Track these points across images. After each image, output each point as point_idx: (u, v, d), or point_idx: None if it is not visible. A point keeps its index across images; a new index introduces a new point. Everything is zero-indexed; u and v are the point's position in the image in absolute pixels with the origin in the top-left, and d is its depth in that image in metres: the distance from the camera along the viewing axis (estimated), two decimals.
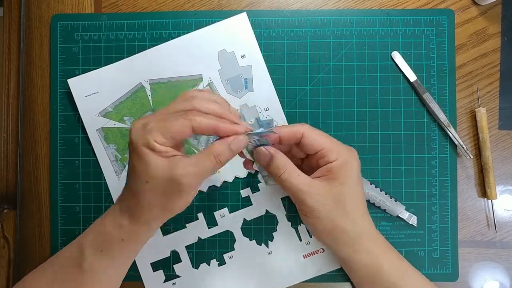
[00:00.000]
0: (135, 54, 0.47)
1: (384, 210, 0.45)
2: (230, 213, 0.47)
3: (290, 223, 0.47)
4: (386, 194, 0.45)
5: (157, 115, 0.34)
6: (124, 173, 0.47)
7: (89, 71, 0.47)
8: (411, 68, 0.46)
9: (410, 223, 0.45)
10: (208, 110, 0.35)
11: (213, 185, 0.47)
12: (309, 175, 0.38)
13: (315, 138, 0.37)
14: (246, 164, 0.42)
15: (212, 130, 0.34)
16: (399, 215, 0.45)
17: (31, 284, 0.39)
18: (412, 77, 0.46)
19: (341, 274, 0.46)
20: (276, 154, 0.37)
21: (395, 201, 0.45)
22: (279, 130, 0.37)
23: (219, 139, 0.35)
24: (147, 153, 0.33)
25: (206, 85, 0.47)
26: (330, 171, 0.37)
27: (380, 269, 0.39)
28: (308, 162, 0.41)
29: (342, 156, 0.37)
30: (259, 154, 0.37)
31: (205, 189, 0.47)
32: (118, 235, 0.36)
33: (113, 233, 0.36)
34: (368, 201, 0.45)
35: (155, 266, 0.46)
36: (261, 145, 0.37)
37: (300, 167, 0.40)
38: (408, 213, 0.45)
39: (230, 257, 0.46)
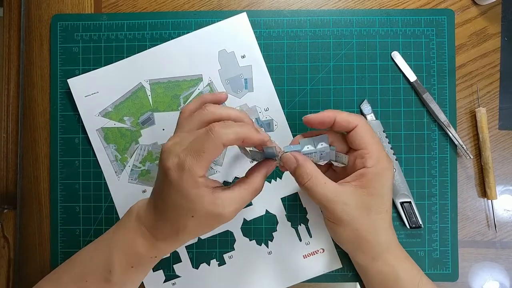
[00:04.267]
0: (135, 54, 0.47)
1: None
2: None
3: (290, 223, 0.47)
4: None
5: (182, 140, 0.34)
6: (124, 173, 0.47)
7: (89, 71, 0.47)
8: (411, 68, 0.46)
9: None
10: (230, 117, 0.36)
11: None
12: (336, 176, 0.38)
13: (364, 135, 0.37)
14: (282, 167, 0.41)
15: (240, 141, 0.34)
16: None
17: None
18: (412, 77, 0.46)
19: (341, 274, 0.46)
20: (302, 162, 0.36)
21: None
22: (336, 114, 0.37)
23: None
24: (193, 192, 0.33)
25: (206, 85, 0.47)
26: (363, 177, 0.36)
27: (396, 278, 0.38)
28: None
29: (379, 165, 0.36)
30: (286, 160, 0.37)
31: None
32: (151, 254, 0.37)
33: (147, 254, 0.37)
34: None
35: (155, 266, 0.46)
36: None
37: (328, 168, 0.40)
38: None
39: (230, 257, 0.46)
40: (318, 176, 0.36)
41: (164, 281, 0.46)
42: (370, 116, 0.46)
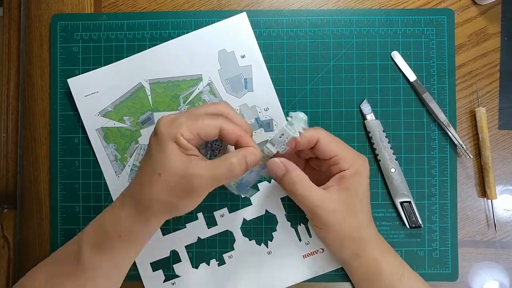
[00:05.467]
0: (135, 54, 0.47)
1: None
2: (229, 213, 0.47)
3: (289, 223, 0.47)
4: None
5: (186, 113, 0.35)
6: (124, 172, 0.47)
7: (89, 71, 0.47)
8: (411, 68, 0.46)
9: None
10: (234, 120, 0.36)
11: None
12: (315, 174, 0.38)
13: (329, 144, 0.37)
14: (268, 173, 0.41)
15: (235, 137, 0.35)
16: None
17: (32, 277, 0.38)
18: (412, 77, 0.46)
19: (340, 274, 0.46)
20: (291, 169, 0.37)
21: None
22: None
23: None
24: (171, 146, 0.33)
25: (206, 85, 0.47)
26: (342, 179, 0.37)
27: (379, 271, 0.39)
28: (317, 162, 0.41)
29: (355, 165, 0.37)
30: (273, 166, 0.37)
31: None
32: (115, 231, 0.35)
33: (111, 229, 0.35)
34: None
35: (155, 266, 0.46)
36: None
37: (306, 166, 0.41)
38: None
39: (229, 257, 0.46)
40: (306, 183, 0.37)
41: (164, 281, 0.46)
42: (370, 116, 0.46)
